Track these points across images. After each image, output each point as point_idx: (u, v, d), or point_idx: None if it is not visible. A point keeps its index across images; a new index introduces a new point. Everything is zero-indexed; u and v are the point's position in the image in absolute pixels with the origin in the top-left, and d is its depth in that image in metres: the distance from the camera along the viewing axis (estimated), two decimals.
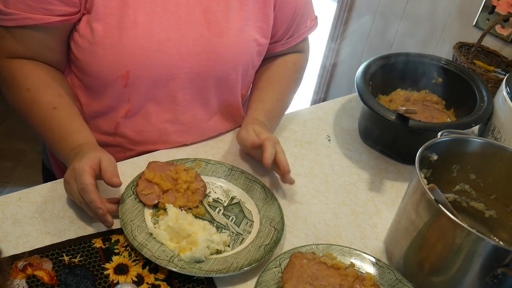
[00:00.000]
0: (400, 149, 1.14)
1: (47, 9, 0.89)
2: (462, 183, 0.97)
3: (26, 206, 0.89)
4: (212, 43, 0.99)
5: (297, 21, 1.12)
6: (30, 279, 0.77)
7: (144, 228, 0.86)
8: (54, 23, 0.91)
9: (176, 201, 0.91)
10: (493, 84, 1.51)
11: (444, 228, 0.77)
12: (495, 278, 0.75)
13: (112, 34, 0.92)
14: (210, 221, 0.91)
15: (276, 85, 1.15)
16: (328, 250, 0.87)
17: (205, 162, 1.02)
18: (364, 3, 2.35)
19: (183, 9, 0.96)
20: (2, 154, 2.49)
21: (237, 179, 0.99)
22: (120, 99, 0.99)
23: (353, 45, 2.49)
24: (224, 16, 1.00)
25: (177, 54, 0.97)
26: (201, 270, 0.80)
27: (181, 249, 0.83)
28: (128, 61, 0.94)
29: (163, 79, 0.98)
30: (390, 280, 0.84)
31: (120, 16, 0.92)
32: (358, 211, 1.01)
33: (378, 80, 1.20)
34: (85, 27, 0.93)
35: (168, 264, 0.80)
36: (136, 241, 0.83)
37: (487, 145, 0.93)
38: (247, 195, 0.96)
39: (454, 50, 1.68)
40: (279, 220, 0.91)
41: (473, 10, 1.91)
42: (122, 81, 0.96)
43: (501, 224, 0.96)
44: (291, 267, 0.81)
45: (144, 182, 0.93)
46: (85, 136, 0.93)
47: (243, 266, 0.82)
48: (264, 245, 0.86)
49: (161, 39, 0.95)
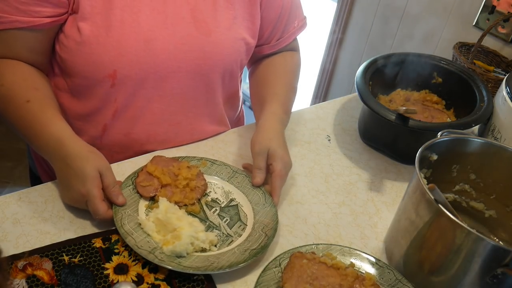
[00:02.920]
0: (400, 149, 1.14)
1: (36, 11, 0.88)
2: (462, 183, 0.97)
3: (26, 206, 0.89)
4: (200, 42, 0.99)
5: (285, 21, 1.12)
6: (30, 279, 0.77)
7: (134, 218, 0.87)
8: (43, 25, 0.90)
9: (173, 196, 0.92)
10: (493, 84, 1.51)
11: (444, 228, 0.77)
12: (495, 278, 0.75)
13: (99, 33, 0.92)
14: (203, 219, 0.91)
15: (284, 78, 1.14)
16: (328, 250, 0.87)
17: (211, 162, 1.02)
18: (364, 3, 2.35)
19: (170, 8, 0.96)
20: (2, 154, 2.50)
21: (239, 182, 0.99)
22: (107, 100, 0.99)
23: (353, 45, 2.49)
24: (211, 15, 0.99)
25: (164, 53, 0.96)
26: (180, 265, 0.80)
27: (165, 242, 0.83)
28: (115, 60, 0.93)
29: (150, 79, 0.97)
30: (390, 280, 0.84)
31: (106, 15, 0.91)
32: (358, 211, 1.01)
33: (378, 80, 1.20)
34: (71, 27, 0.93)
35: (148, 255, 0.80)
36: (123, 228, 0.84)
37: (487, 145, 0.93)
38: (246, 199, 0.96)
39: (454, 50, 1.68)
40: (272, 227, 0.89)
41: (473, 10, 1.91)
42: (109, 81, 0.95)
43: (501, 224, 0.96)
44: (291, 267, 0.81)
45: (144, 174, 0.94)
46: (61, 129, 0.88)
47: (223, 267, 0.81)
48: (250, 249, 0.85)
49: (148, 38, 0.94)
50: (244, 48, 1.05)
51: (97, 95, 0.98)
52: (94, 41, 0.92)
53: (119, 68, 0.94)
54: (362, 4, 2.37)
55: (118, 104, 0.99)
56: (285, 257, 0.84)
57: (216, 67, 1.03)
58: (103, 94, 0.98)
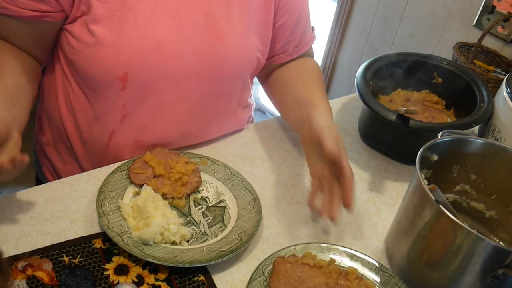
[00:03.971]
0: (400, 149, 1.14)
1: (22, 3, 0.89)
2: (463, 183, 0.97)
3: (26, 206, 0.89)
4: (212, 47, 0.98)
5: (302, 28, 1.10)
6: (30, 279, 0.77)
7: (116, 201, 0.88)
8: (27, 18, 0.91)
9: (162, 187, 0.93)
10: (493, 84, 1.51)
11: (445, 229, 0.77)
12: (496, 279, 0.75)
13: (111, 36, 0.91)
14: (185, 214, 0.92)
15: (318, 81, 1.09)
16: (306, 249, 0.87)
17: (212, 161, 1.02)
18: (364, 3, 2.35)
19: (184, 12, 0.95)
20: None
21: (234, 185, 0.98)
22: (116, 104, 0.98)
23: (353, 45, 2.49)
24: (225, 21, 0.98)
25: (176, 57, 0.95)
26: (142, 252, 0.80)
27: (136, 228, 0.83)
28: (126, 62, 0.93)
29: (161, 83, 0.97)
30: (371, 269, 0.86)
31: (119, 18, 0.91)
32: (358, 211, 1.01)
33: (378, 80, 1.20)
34: (80, 30, 0.92)
35: (115, 237, 0.81)
36: (101, 208, 0.86)
37: (488, 145, 0.93)
38: (235, 202, 0.95)
39: (454, 50, 1.68)
40: (249, 233, 0.88)
41: (473, 10, 1.91)
42: (120, 84, 0.95)
43: (501, 224, 0.96)
44: (276, 274, 0.81)
45: (141, 162, 0.97)
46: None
47: (184, 262, 0.80)
48: (219, 251, 0.84)
49: (160, 42, 0.94)
50: (256, 55, 1.04)
51: (106, 98, 0.98)
52: (106, 43, 0.91)
53: (130, 71, 0.93)
54: (362, 4, 2.37)
55: (126, 109, 0.98)
56: (266, 264, 0.83)
57: (228, 73, 1.02)
58: (113, 98, 0.97)
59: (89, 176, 0.97)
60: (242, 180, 0.99)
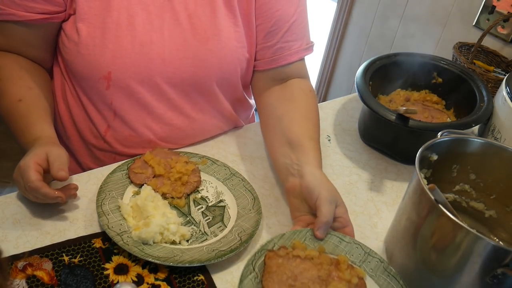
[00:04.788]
0: (400, 149, 1.14)
1: (30, 7, 0.90)
2: (462, 183, 0.97)
3: (26, 206, 0.89)
4: (196, 48, 0.97)
5: (281, 34, 1.03)
6: (30, 279, 0.77)
7: (116, 201, 0.88)
8: (36, 21, 0.92)
9: (162, 187, 0.93)
10: (493, 84, 1.51)
11: (444, 228, 0.77)
12: (495, 278, 0.75)
13: (95, 35, 0.92)
14: (185, 214, 0.92)
15: (312, 118, 1.03)
16: (293, 237, 0.85)
17: (212, 161, 1.02)
18: (364, 3, 2.36)
19: (168, 13, 0.95)
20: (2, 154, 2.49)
21: (233, 185, 0.98)
22: (105, 102, 0.99)
23: (353, 45, 2.49)
24: (210, 22, 0.98)
25: (159, 57, 0.95)
26: (142, 251, 0.81)
27: (136, 227, 0.83)
28: (110, 61, 0.93)
29: (145, 83, 0.97)
30: (360, 255, 0.85)
31: (103, 17, 0.92)
32: (358, 211, 1.01)
33: (378, 80, 1.20)
34: (71, 28, 0.93)
35: (115, 237, 0.81)
36: (101, 208, 0.86)
37: (487, 145, 0.93)
38: (235, 202, 0.95)
39: (454, 50, 1.68)
40: (249, 233, 0.88)
41: (473, 10, 1.91)
42: (104, 83, 0.95)
43: (501, 224, 0.96)
44: (268, 271, 0.79)
45: (141, 162, 0.97)
46: (42, 129, 0.90)
47: (184, 262, 0.80)
48: (219, 250, 0.84)
49: (143, 42, 0.94)
50: (244, 55, 1.03)
51: (95, 96, 0.99)
52: (91, 42, 0.92)
53: (113, 70, 0.94)
54: (362, 4, 2.37)
55: (114, 107, 0.99)
56: (255, 259, 0.81)
57: (212, 75, 1.01)
58: (100, 96, 0.98)
59: (89, 175, 0.98)
60: (242, 180, 0.99)
